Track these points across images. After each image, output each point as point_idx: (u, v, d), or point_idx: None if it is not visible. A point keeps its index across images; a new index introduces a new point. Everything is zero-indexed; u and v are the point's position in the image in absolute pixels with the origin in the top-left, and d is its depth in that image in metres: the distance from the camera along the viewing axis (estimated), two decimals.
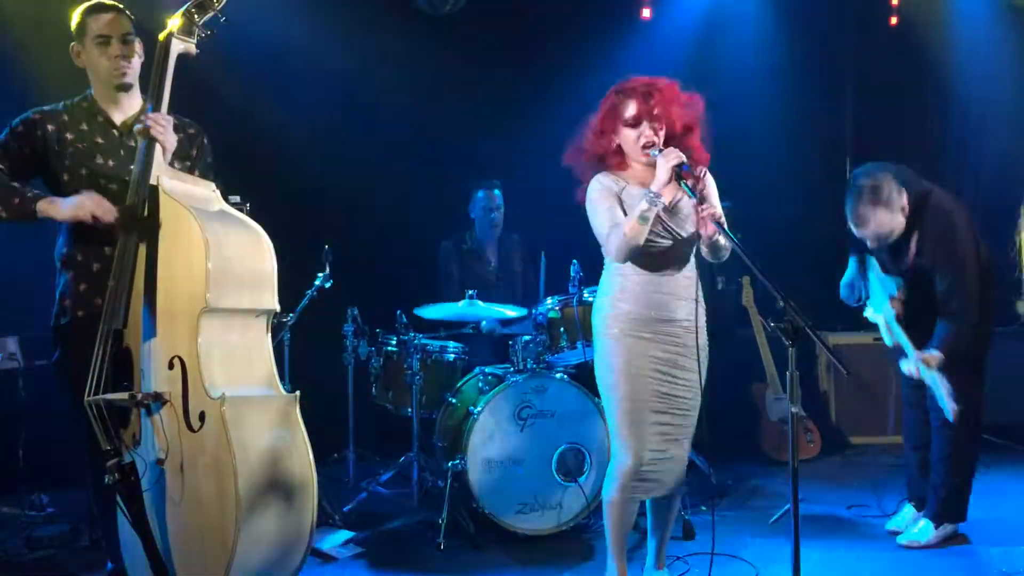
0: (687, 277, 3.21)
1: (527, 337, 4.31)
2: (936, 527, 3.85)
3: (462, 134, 5.93)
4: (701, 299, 3.24)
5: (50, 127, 2.98)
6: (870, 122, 6.35)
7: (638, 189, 3.15)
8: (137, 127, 2.84)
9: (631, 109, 3.13)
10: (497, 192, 5.42)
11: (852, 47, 6.61)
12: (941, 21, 6.35)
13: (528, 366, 4.21)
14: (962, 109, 6.12)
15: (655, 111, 3.12)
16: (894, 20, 6.46)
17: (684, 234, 3.17)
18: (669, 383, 3.15)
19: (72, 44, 3.03)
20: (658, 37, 6.33)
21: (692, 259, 3.24)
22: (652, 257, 3.13)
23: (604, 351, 3.20)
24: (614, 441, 3.19)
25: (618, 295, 3.18)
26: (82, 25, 2.99)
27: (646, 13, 6.34)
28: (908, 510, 4.07)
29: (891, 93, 6.23)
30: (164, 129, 2.83)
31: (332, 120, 5.65)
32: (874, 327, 3.88)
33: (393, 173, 5.84)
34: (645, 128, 3.11)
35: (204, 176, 3.07)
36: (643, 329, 3.14)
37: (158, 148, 2.81)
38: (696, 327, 3.18)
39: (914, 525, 3.93)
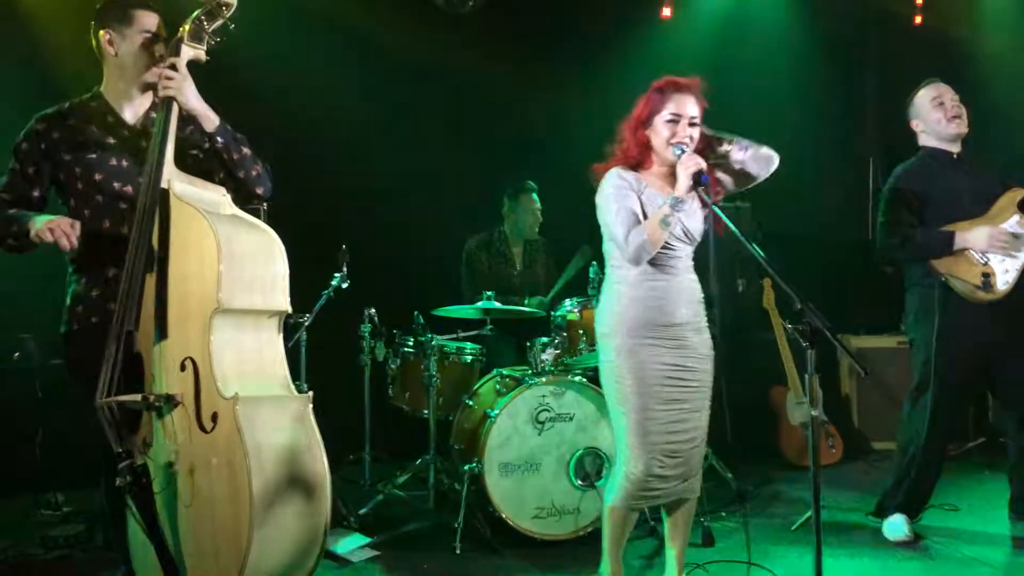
0: (691, 280, 3.19)
1: (545, 339, 4.28)
2: None
3: (480, 134, 5.90)
4: (705, 300, 3.23)
5: (55, 134, 2.91)
6: (894, 123, 6.26)
7: (658, 192, 3.12)
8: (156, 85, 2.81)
9: (673, 106, 3.08)
10: (535, 195, 5.40)
11: (876, 47, 6.54)
12: (966, 20, 6.26)
13: (546, 369, 4.17)
14: (988, 109, 6.03)
15: (697, 113, 3.09)
16: (919, 19, 6.39)
17: (696, 236, 3.16)
18: (679, 388, 3.10)
19: (104, 31, 2.92)
20: (678, 37, 6.29)
21: (692, 262, 3.22)
22: (659, 260, 3.09)
23: (610, 361, 3.14)
24: (622, 450, 3.13)
25: (621, 301, 3.13)
26: (129, 17, 2.91)
27: (666, 12, 6.29)
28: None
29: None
30: (176, 82, 2.78)
31: (349, 120, 5.64)
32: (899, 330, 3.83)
33: (410, 173, 5.83)
34: (683, 126, 3.07)
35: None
36: (648, 334, 3.08)
37: (175, 112, 2.78)
38: (704, 325, 3.17)
39: None
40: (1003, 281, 3.81)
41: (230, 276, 2.61)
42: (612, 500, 3.16)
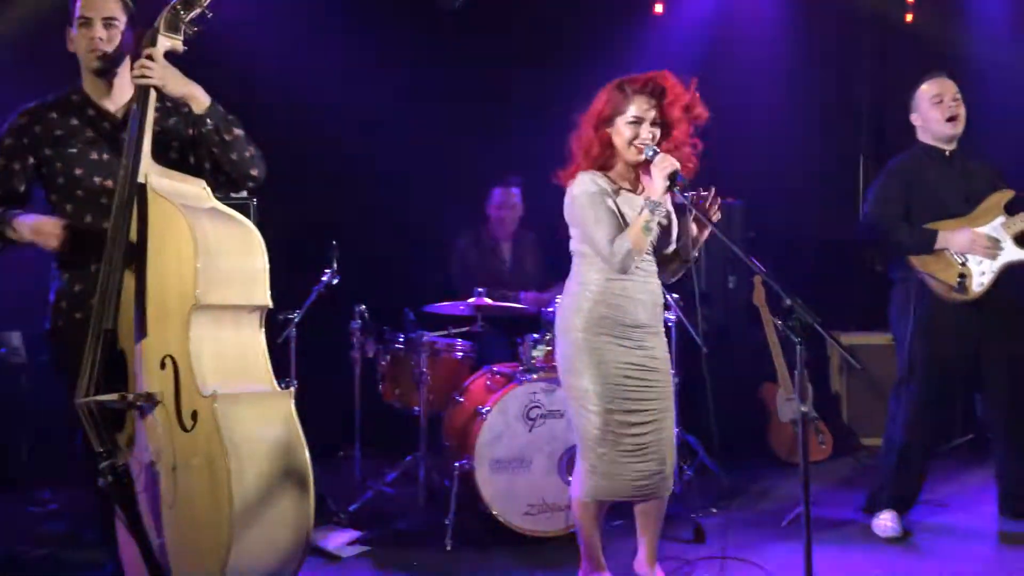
0: (655, 284, 3.20)
1: (536, 335, 4.27)
2: None
3: (472, 131, 5.88)
4: (666, 301, 3.26)
5: (37, 128, 2.88)
6: (885, 120, 6.28)
7: (633, 195, 3.13)
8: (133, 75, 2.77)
9: (635, 108, 3.07)
10: (515, 190, 5.37)
11: (867, 44, 6.54)
12: (957, 18, 6.27)
13: (537, 365, 4.16)
14: (980, 107, 6.05)
15: (658, 112, 3.08)
16: (910, 17, 6.39)
17: (667, 241, 3.17)
18: (641, 386, 3.11)
19: (68, 29, 2.92)
20: (670, 32, 6.28)
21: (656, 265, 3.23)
22: None
23: (571, 356, 3.14)
24: (585, 445, 3.13)
25: (584, 298, 3.14)
26: (71, 9, 2.89)
27: (658, 8, 6.29)
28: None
29: (907, 91, 6.17)
30: (155, 72, 2.73)
31: (341, 117, 5.61)
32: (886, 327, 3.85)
33: (402, 169, 5.80)
34: (645, 128, 3.07)
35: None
36: (608, 332, 3.10)
37: (151, 104, 2.74)
38: (661, 330, 3.21)
39: None
40: (978, 283, 3.79)
41: (207, 272, 2.58)
42: (580, 495, 3.16)
